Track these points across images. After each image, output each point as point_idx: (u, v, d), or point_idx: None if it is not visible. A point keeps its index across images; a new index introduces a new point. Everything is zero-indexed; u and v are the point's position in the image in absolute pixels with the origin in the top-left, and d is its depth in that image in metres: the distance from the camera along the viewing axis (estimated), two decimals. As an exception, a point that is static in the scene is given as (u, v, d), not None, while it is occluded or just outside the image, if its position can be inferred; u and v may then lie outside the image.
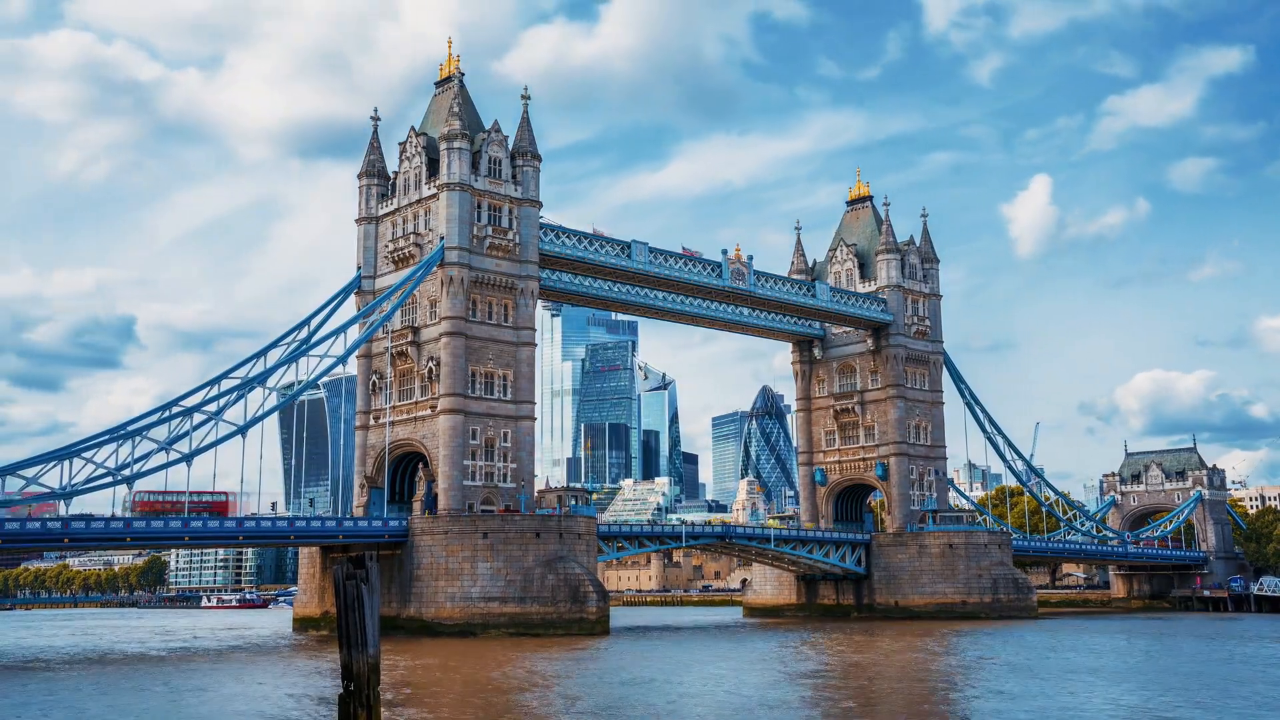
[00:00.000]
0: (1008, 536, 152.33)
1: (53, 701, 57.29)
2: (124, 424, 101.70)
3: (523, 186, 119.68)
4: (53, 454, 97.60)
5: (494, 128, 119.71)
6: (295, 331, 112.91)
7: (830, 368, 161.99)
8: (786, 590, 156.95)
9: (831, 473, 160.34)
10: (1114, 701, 55.15)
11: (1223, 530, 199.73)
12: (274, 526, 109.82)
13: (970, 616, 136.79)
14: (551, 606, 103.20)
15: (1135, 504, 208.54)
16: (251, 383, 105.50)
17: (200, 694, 60.60)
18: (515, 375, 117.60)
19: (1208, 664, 77.00)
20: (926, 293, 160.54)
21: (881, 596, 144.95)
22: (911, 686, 62.89)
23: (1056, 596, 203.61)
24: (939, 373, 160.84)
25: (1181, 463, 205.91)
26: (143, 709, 54.53)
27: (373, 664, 31.69)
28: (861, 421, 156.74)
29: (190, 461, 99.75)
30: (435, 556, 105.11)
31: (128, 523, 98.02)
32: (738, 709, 52.94)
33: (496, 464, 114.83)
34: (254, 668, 78.63)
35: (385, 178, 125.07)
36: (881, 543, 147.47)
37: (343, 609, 31.74)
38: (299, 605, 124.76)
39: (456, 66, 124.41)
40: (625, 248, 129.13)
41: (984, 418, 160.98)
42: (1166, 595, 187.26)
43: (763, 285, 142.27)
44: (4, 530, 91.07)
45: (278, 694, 59.73)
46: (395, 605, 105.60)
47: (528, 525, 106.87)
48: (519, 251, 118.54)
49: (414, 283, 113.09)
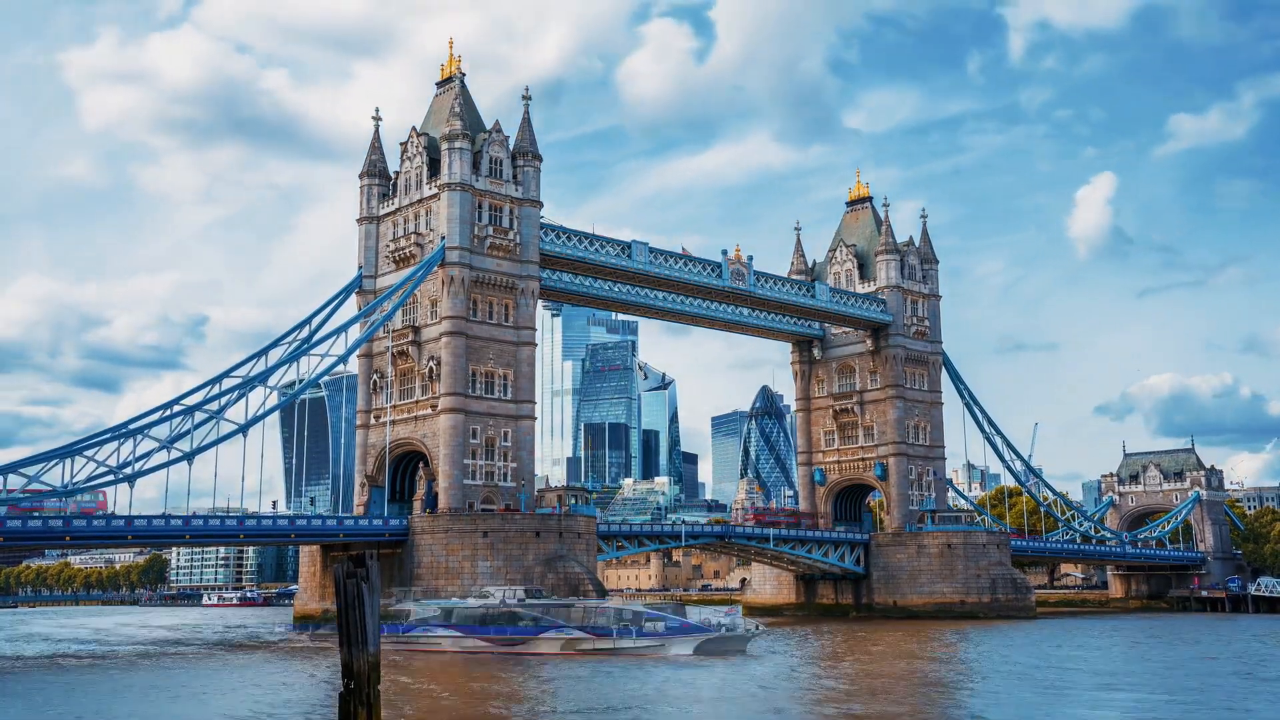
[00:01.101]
0: (1006, 537, 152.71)
1: (54, 699, 57.75)
2: (125, 422, 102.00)
3: (523, 186, 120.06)
4: (54, 452, 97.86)
5: (495, 128, 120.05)
6: (296, 331, 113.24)
7: (830, 368, 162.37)
8: (786, 590, 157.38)
9: (831, 473, 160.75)
10: (1112, 702, 55.56)
11: (1220, 531, 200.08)
12: (275, 525, 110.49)
13: (969, 616, 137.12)
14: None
15: (1133, 504, 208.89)
16: (252, 382, 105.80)
17: (201, 691, 60.91)
18: (515, 375, 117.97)
19: (1206, 664, 77.38)
20: (926, 293, 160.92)
21: (880, 596, 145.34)
22: (910, 687, 63.24)
23: (1055, 596, 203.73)
24: (938, 373, 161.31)
25: (1179, 463, 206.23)
26: (143, 706, 54.85)
27: (373, 662, 31.73)
28: (861, 421, 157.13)
29: (191, 460, 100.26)
30: (435, 555, 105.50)
31: (128, 521, 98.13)
32: (736, 706, 53.27)
33: (497, 463, 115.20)
34: (254, 666, 78.98)
35: (386, 178, 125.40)
36: (880, 542, 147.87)
37: (343, 607, 31.83)
38: (299, 603, 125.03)
39: (458, 67, 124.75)
40: (625, 248, 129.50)
41: (983, 418, 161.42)
42: (1164, 595, 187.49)
43: (762, 285, 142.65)
44: (6, 528, 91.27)
45: (278, 692, 60.05)
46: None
47: (528, 524, 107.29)
48: (519, 251, 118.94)
49: (415, 282, 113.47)
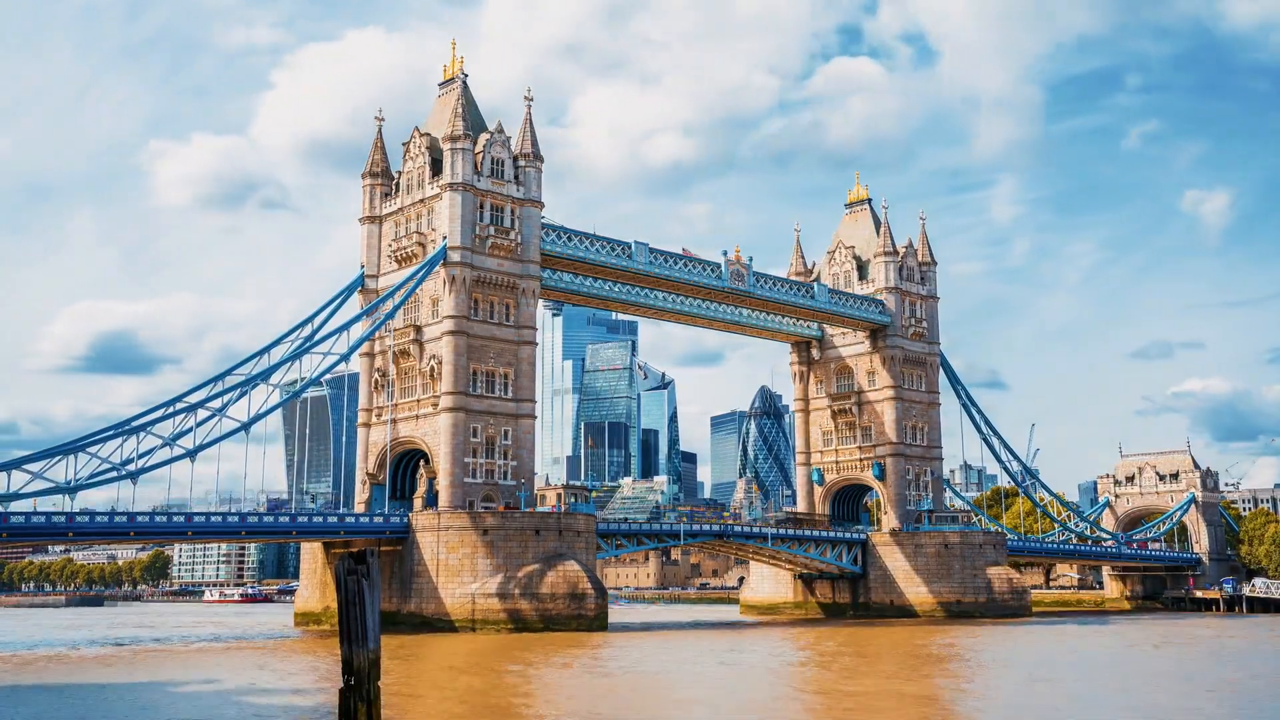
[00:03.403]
0: (1002, 537, 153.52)
1: (54, 696, 58.50)
2: (129, 419, 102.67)
3: (525, 187, 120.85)
4: (58, 448, 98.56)
5: (497, 129, 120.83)
6: (299, 329, 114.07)
7: (828, 368, 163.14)
8: (784, 588, 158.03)
9: (829, 472, 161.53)
10: (1110, 700, 56.26)
11: (1215, 532, 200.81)
12: (276, 522, 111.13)
13: (965, 616, 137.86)
14: (551, 603, 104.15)
15: (1129, 505, 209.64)
16: (255, 379, 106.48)
17: (201, 687, 61.30)
18: (516, 374, 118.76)
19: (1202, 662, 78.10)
20: (924, 295, 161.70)
21: (878, 595, 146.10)
22: (908, 687, 63.99)
23: (1050, 597, 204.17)
24: (935, 374, 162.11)
25: (1175, 465, 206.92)
26: (144, 703, 55.43)
27: (373, 659, 31.82)
28: (859, 422, 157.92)
29: (194, 457, 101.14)
30: (436, 553, 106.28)
31: (131, 517, 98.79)
32: (735, 704, 53.85)
33: (497, 461, 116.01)
34: (255, 662, 79.62)
35: (389, 177, 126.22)
36: (878, 542, 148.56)
37: (344, 604, 31.84)
38: (301, 600, 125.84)
39: (460, 68, 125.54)
40: (626, 248, 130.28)
41: (980, 419, 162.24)
42: (1159, 596, 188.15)
43: (762, 286, 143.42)
44: (9, 523, 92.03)
45: (278, 688, 60.59)
46: (396, 601, 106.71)
47: (528, 522, 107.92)
48: (521, 251, 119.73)
49: (416, 281, 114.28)
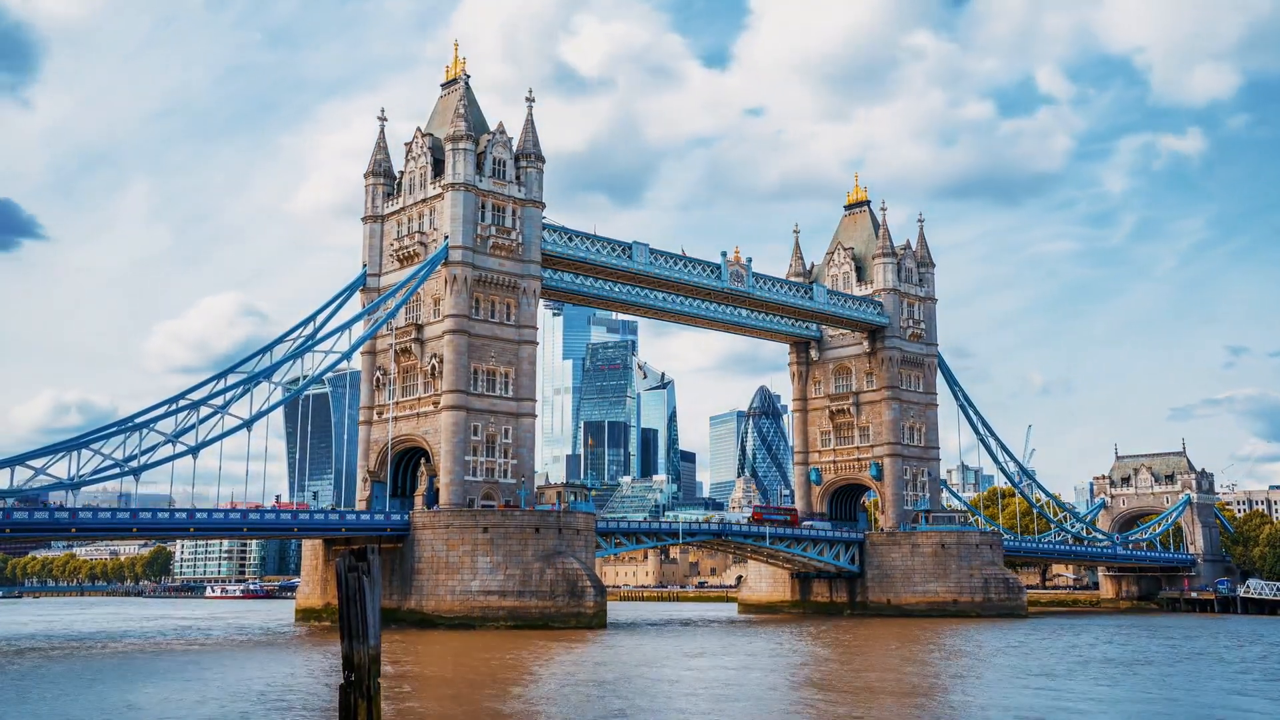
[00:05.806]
0: (999, 537, 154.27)
1: (53, 693, 59.24)
2: (131, 416, 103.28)
3: (526, 187, 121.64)
4: (60, 445, 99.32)
5: (498, 129, 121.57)
6: (301, 327, 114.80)
7: (826, 369, 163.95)
8: (781, 587, 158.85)
9: (827, 472, 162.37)
10: (1107, 699, 57.01)
11: (1210, 533, 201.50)
12: (278, 519, 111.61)
13: (961, 615, 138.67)
14: (550, 601, 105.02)
15: (1125, 506, 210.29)
16: (257, 377, 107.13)
17: (202, 684, 61.78)
18: (517, 373, 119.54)
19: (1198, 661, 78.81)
20: (922, 296, 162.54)
21: (874, 595, 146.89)
22: (905, 686, 64.72)
23: (1046, 597, 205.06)
24: (933, 375, 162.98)
25: (1171, 466, 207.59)
26: (144, 698, 56.08)
27: (373, 655, 31.88)
28: (857, 422, 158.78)
29: (196, 454, 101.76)
30: (436, 550, 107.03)
31: (134, 513, 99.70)
32: (734, 702, 54.49)
33: (497, 460, 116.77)
34: (256, 658, 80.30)
35: (391, 177, 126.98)
36: (875, 541, 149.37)
37: (344, 601, 31.96)
38: (301, 596, 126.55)
39: (463, 69, 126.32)
40: (626, 248, 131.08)
41: (976, 420, 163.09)
42: (1154, 596, 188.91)
43: (761, 287, 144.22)
44: (12, 519, 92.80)
45: (279, 683, 61.24)
46: (396, 598, 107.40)
47: (528, 520, 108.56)
48: (522, 251, 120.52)
49: (418, 280, 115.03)
